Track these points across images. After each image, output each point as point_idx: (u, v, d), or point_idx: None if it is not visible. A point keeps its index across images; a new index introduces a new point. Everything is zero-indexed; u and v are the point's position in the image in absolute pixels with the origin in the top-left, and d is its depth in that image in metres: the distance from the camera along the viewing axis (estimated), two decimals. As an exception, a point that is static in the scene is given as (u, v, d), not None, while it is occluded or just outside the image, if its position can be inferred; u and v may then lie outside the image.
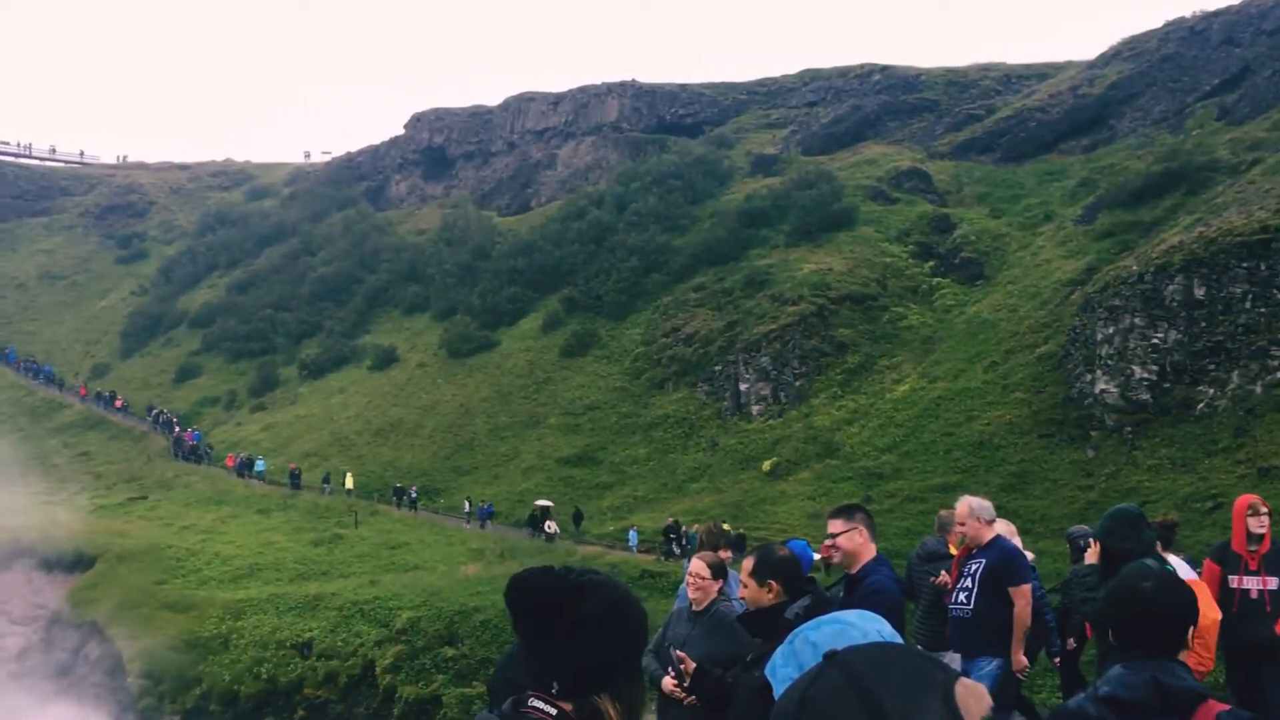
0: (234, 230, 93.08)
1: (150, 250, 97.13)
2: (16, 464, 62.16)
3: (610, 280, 60.99)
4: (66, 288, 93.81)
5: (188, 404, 69.23)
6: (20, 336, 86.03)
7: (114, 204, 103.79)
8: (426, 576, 37.37)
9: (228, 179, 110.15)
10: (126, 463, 61.36)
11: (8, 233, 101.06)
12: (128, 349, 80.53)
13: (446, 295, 68.25)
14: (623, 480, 47.12)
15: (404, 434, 56.11)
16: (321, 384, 66.17)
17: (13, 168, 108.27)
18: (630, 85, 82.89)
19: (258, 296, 78.51)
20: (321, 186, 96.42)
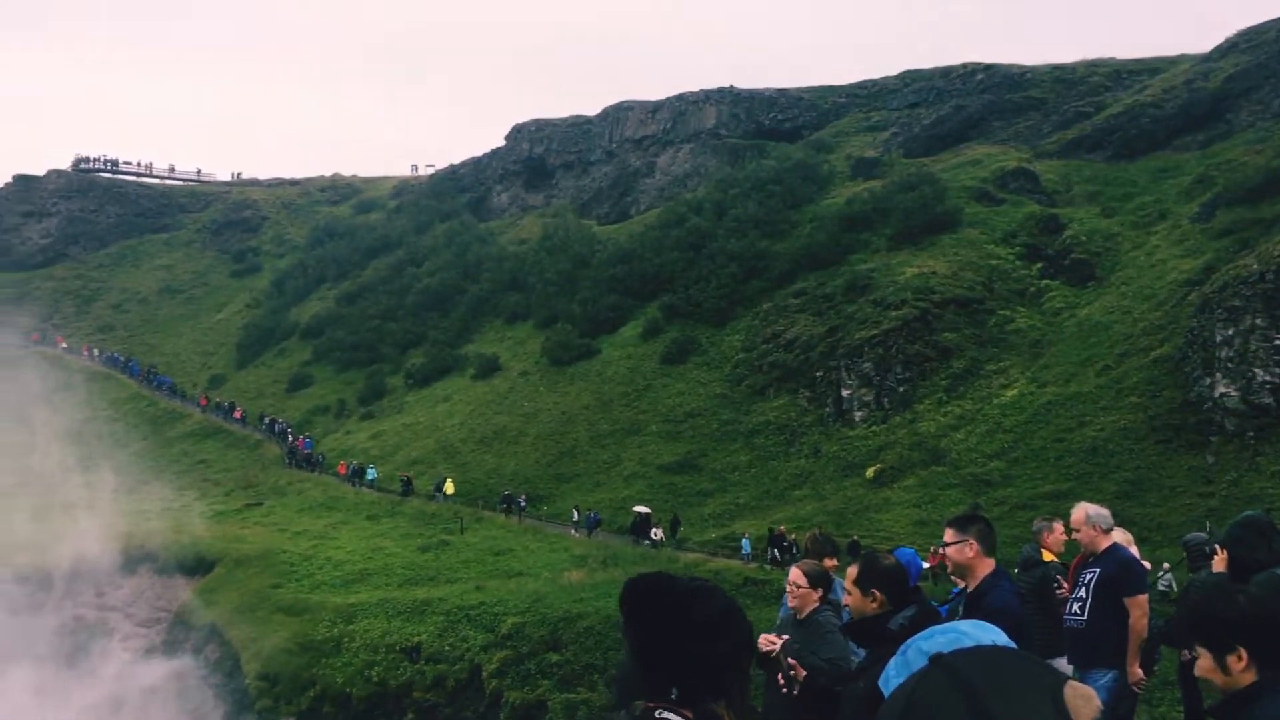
0: (342, 243, 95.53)
1: (263, 264, 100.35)
2: (141, 471, 64.85)
3: (710, 287, 60.96)
4: (185, 301, 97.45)
5: (300, 413, 71.21)
6: (143, 349, 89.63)
7: (229, 220, 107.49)
8: (531, 583, 37.81)
9: (336, 193, 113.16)
10: (242, 470, 63.38)
11: (130, 249, 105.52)
12: (242, 360, 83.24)
13: (547, 304, 68.94)
14: (724, 487, 47.02)
15: (507, 442, 56.83)
16: (427, 393, 67.42)
17: (135, 187, 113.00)
18: (728, 91, 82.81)
19: (365, 307, 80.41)
20: (425, 199, 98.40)
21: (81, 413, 77.21)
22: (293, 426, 67.30)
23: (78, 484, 63.13)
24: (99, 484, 65.64)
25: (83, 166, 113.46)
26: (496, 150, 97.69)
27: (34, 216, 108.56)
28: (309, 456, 60.75)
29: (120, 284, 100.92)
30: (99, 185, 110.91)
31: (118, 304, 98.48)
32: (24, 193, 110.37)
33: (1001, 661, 1.64)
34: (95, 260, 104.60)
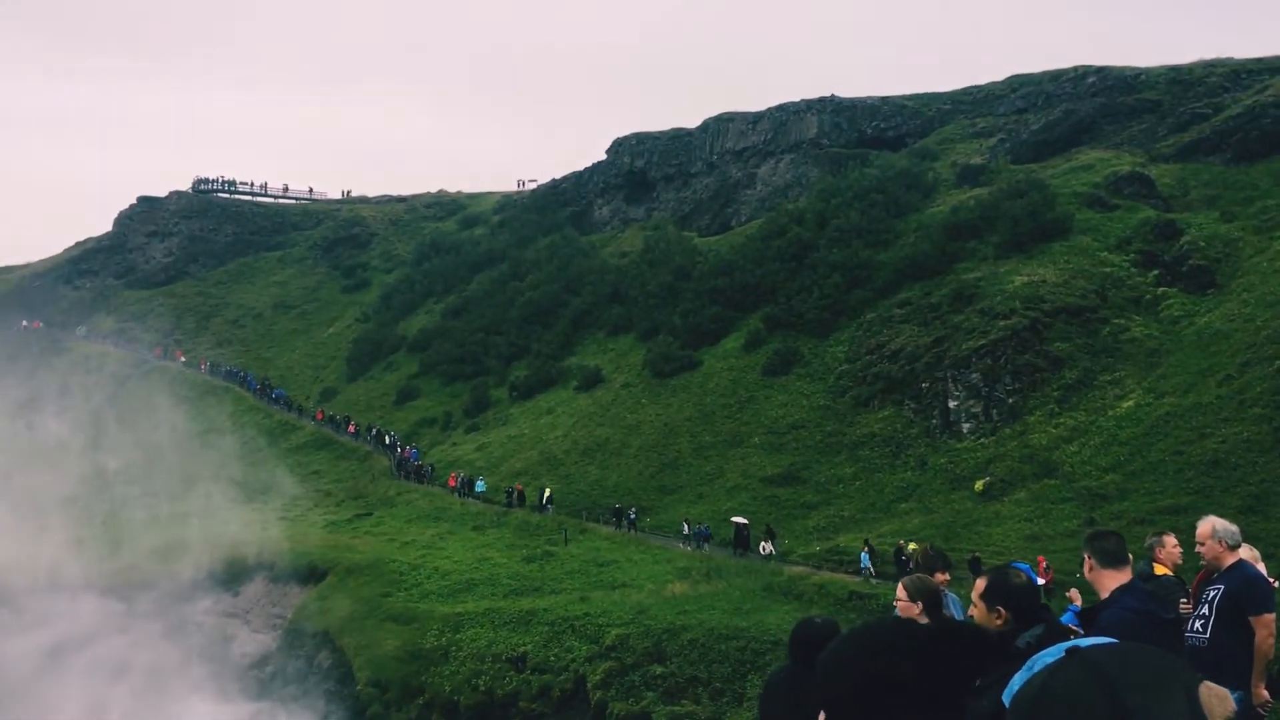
0: (448, 258, 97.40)
1: (372, 279, 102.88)
2: (257, 482, 66.97)
3: (812, 297, 60.54)
4: (297, 316, 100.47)
5: (407, 425, 72.70)
6: (258, 363, 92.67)
7: (339, 237, 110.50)
8: (634, 594, 37.95)
9: (441, 209, 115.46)
10: (353, 481, 64.95)
11: (246, 266, 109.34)
12: (352, 373, 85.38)
13: (649, 316, 69.22)
14: (828, 500, 46.58)
15: (610, 453, 57.17)
16: (531, 405, 68.22)
17: (250, 206, 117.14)
18: (829, 101, 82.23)
19: (470, 321, 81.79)
20: (528, 213, 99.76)
21: (201, 424, 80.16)
22: (400, 438, 68.75)
23: (199, 493, 65.43)
24: (218, 493, 68.02)
25: (201, 187, 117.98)
26: (598, 164, 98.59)
27: (157, 236, 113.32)
28: (418, 468, 61.91)
29: (237, 300, 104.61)
30: (217, 205, 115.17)
31: (234, 319, 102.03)
32: (148, 213, 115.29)
33: (1138, 655, 1.65)
34: (213, 278, 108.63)
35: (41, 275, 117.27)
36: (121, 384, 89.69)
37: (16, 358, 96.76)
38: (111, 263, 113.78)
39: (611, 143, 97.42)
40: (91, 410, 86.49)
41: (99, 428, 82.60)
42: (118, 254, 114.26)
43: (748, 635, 31.42)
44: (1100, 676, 1.58)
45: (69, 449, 79.24)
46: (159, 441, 77.00)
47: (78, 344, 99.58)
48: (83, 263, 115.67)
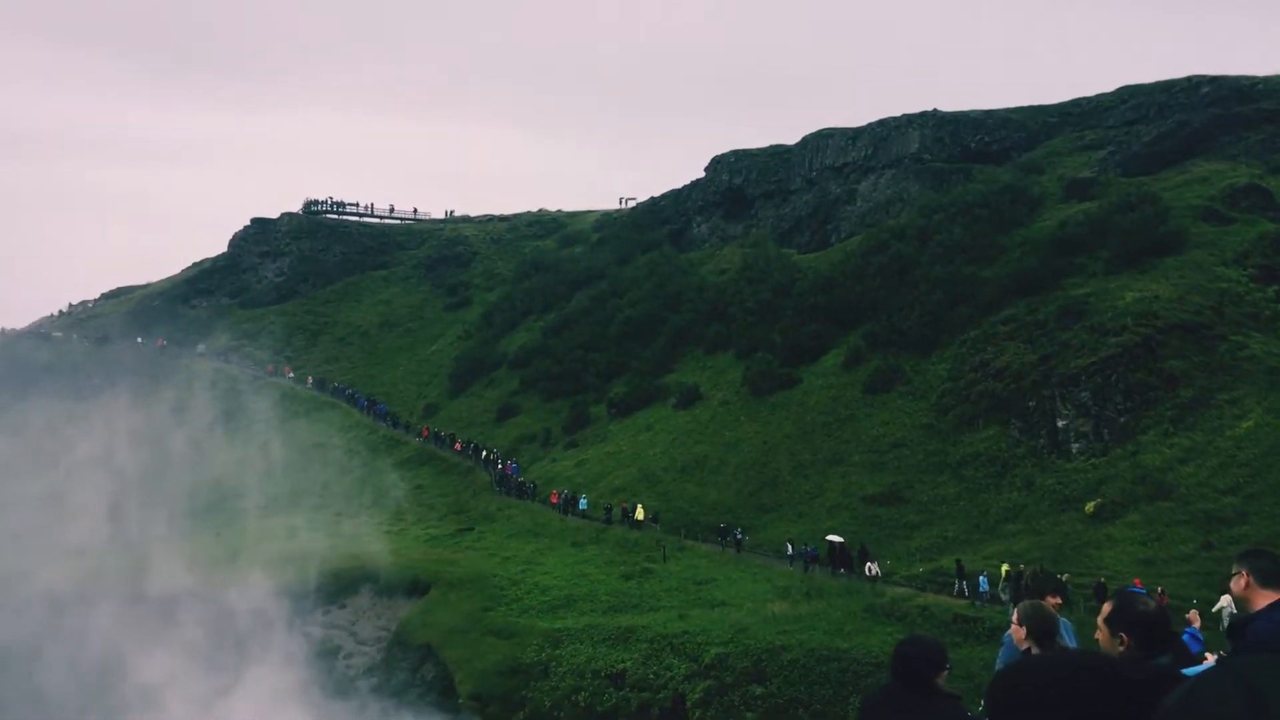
0: (548, 276, 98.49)
1: (474, 297, 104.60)
2: (363, 496, 68.43)
3: (914, 314, 59.61)
4: (402, 334, 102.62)
5: (508, 441, 73.52)
6: (364, 379, 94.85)
7: (442, 255, 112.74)
8: (734, 613, 37.72)
9: (541, 228, 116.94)
10: (455, 496, 65.89)
11: (353, 285, 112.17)
12: (455, 389, 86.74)
13: (748, 333, 68.95)
14: (931, 520, 45.70)
15: (708, 471, 56.98)
16: (629, 422, 68.40)
17: (357, 227, 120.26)
18: (931, 115, 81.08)
19: (570, 338, 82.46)
20: (627, 231, 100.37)
21: (310, 439, 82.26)
22: (501, 454, 69.53)
23: (307, 506, 67.11)
24: (326, 506, 69.66)
25: (312, 209, 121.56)
26: (696, 182, 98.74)
27: (269, 256, 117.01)
28: (520, 485, 62.46)
29: (344, 318, 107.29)
30: (326, 226, 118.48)
31: (342, 337, 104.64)
32: (260, 234, 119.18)
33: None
34: (322, 296, 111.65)
35: (161, 295, 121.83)
36: (235, 399, 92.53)
37: (139, 372, 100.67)
38: (226, 282, 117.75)
39: (710, 160, 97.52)
40: (206, 424, 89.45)
41: (213, 442, 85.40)
42: (232, 274, 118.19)
43: (849, 657, 30.96)
44: (1247, 686, 1.52)
45: (185, 463, 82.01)
46: (270, 456, 79.25)
47: (194, 360, 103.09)
48: (199, 282, 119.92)
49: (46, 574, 55.28)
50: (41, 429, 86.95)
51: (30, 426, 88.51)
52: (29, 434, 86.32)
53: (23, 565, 55.27)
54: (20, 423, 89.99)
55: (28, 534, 61.80)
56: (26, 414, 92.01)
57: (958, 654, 29.35)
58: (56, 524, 64.46)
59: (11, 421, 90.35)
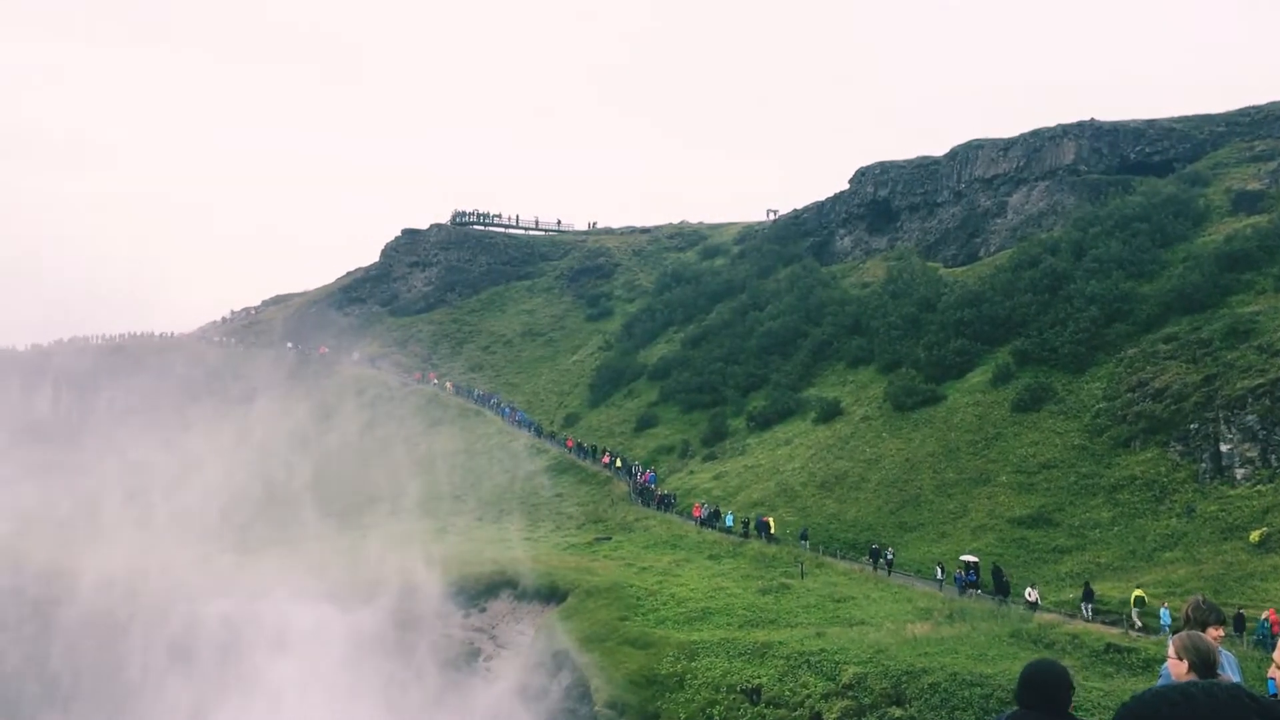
0: (688, 288, 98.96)
1: (615, 308, 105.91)
2: (504, 503, 69.90)
3: (1066, 331, 57.67)
4: (544, 344, 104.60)
5: (646, 452, 74.02)
6: (507, 388, 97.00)
7: (584, 267, 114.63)
8: (872, 633, 37.10)
9: (683, 240, 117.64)
10: (593, 505, 66.66)
11: (498, 295, 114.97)
12: (595, 400, 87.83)
13: (891, 348, 67.88)
14: (1082, 545, 44.06)
15: (848, 487, 56.27)
16: (768, 435, 68.08)
17: (503, 238, 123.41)
18: (1088, 125, 78.38)
19: (709, 350, 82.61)
20: (768, 243, 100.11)
21: (454, 445, 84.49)
22: (639, 464, 70.00)
23: (449, 510, 68.91)
24: (468, 511, 71.43)
25: (459, 220, 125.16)
26: (840, 194, 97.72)
27: (418, 266, 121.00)
28: (662, 497, 62.65)
29: (488, 328, 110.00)
30: (473, 237, 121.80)
31: (486, 346, 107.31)
32: (410, 245, 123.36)
33: None
34: (468, 306, 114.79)
35: (317, 302, 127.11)
36: (383, 405, 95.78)
37: (296, 376, 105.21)
38: (378, 291, 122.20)
39: (854, 172, 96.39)
40: (357, 429, 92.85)
41: (363, 446, 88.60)
42: (383, 283, 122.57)
43: (993, 683, 30.08)
44: None
45: (335, 465, 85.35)
46: (414, 460, 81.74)
47: (345, 367, 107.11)
48: (353, 290, 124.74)
49: (205, 575, 58.20)
50: (202, 430, 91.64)
51: (192, 427, 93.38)
52: (189, 436, 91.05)
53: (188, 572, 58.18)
54: (182, 424, 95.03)
55: (188, 531, 64.99)
56: (188, 416, 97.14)
57: (1109, 685, 28.22)
58: (213, 523, 67.81)
59: (173, 423, 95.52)
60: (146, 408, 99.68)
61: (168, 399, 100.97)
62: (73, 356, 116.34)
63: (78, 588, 58.29)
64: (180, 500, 71.75)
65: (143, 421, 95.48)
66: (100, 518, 68.41)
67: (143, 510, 69.58)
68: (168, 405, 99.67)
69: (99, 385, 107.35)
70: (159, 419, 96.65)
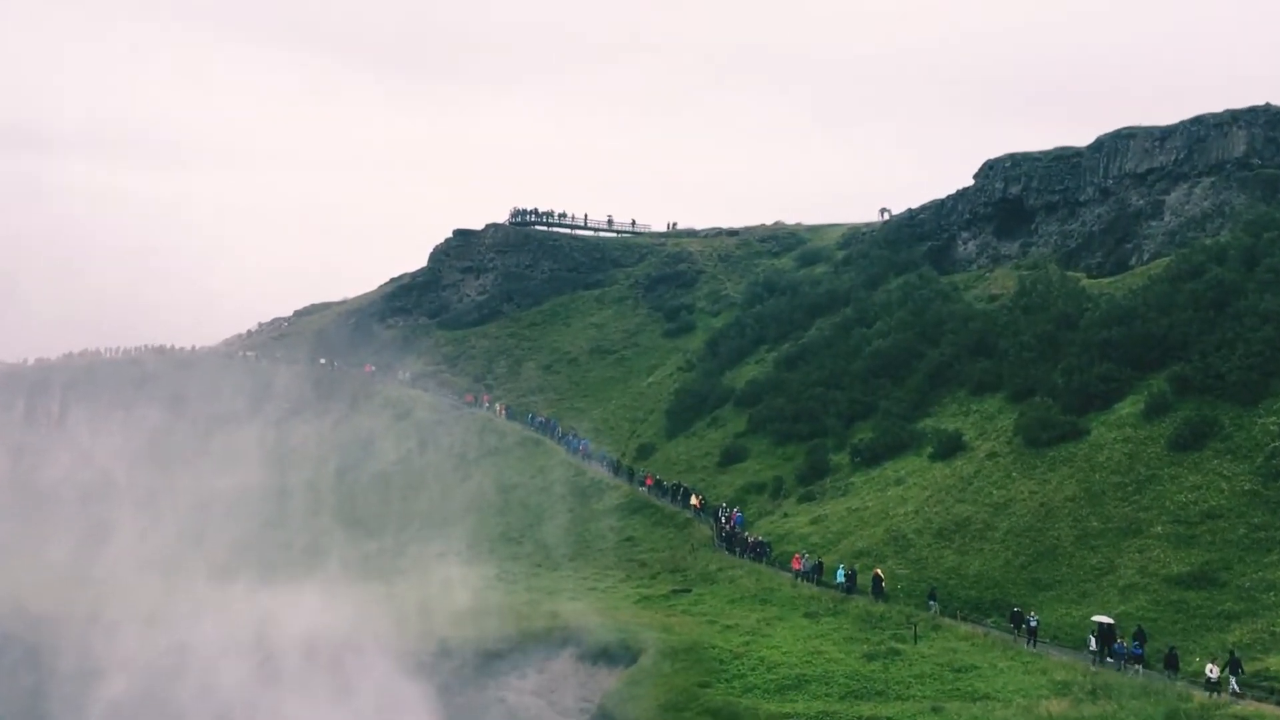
0: (783, 299, 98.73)
1: (697, 322, 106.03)
2: (566, 547, 70.14)
3: (1236, 354, 56.38)
4: (615, 363, 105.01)
5: (732, 490, 73.78)
6: (571, 413, 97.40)
7: (662, 274, 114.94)
8: (999, 709, 36.57)
9: (777, 244, 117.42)
10: (670, 551, 66.57)
11: (562, 306, 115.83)
12: (673, 428, 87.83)
13: (1023, 372, 66.99)
14: (1255, 610, 42.88)
15: (970, 536, 55.52)
16: (876, 473, 67.51)
17: (569, 240, 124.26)
18: (1263, 111, 76.75)
19: (807, 373, 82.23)
20: (877, 249, 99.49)
21: (509, 479, 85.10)
22: (726, 505, 69.74)
23: (503, 555, 69.31)
24: (524, 556, 71.79)
25: (519, 220, 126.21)
26: (963, 191, 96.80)
27: (471, 272, 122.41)
28: (754, 546, 62.13)
29: (551, 343, 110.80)
30: (534, 239, 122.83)
31: (548, 364, 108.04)
32: (463, 248, 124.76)
33: None
34: (528, 318, 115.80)
35: (356, 312, 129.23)
36: (429, 432, 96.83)
37: (332, 397, 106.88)
38: (425, 300, 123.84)
39: (981, 166, 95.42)
40: (398, 459, 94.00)
41: (405, 478, 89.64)
42: (431, 291, 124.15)
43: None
44: None
45: (373, 500, 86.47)
46: (464, 495, 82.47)
47: (387, 387, 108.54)
48: (397, 299, 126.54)
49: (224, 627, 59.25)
50: (222, 457, 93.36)
51: (210, 454, 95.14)
52: (206, 464, 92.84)
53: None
54: (200, 450, 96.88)
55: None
56: (208, 440, 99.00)
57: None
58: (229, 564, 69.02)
59: (189, 448, 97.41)
60: (161, 431, 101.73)
61: (186, 421, 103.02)
62: (80, 372, 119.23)
63: (67, 633, 59.96)
64: (192, 538, 73.09)
65: (154, 448, 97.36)
66: (90, 558, 70.01)
67: (146, 548, 70.97)
68: (185, 428, 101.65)
69: (107, 405, 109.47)
70: (173, 444, 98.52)
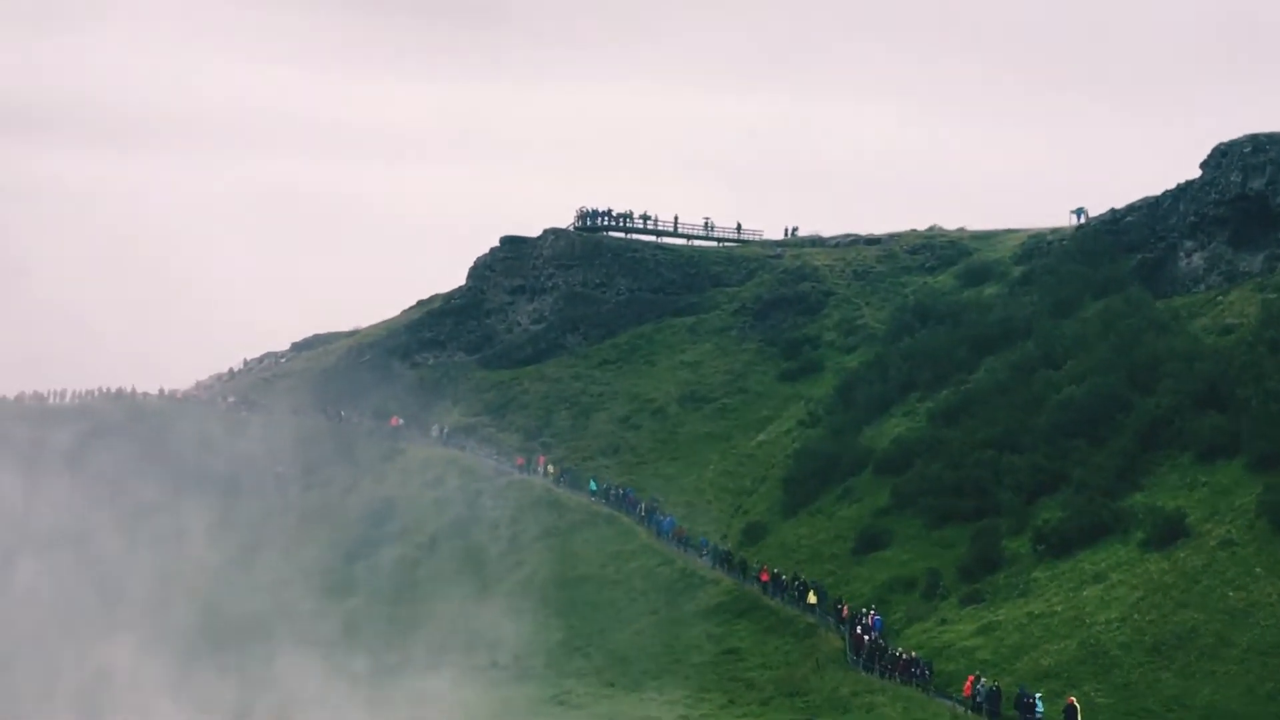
0: (940, 331, 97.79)
1: (824, 360, 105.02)
2: (648, 660, 69.83)
3: None
4: (713, 415, 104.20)
5: (870, 586, 73.06)
6: (656, 480, 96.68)
7: (777, 296, 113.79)
8: None
9: (932, 256, 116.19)
10: (787, 668, 66.05)
11: (644, 339, 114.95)
12: (791, 503, 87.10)
13: (1270, 432, 66.01)
14: None
15: (1198, 653, 54.82)
16: (1066, 566, 66.57)
17: (652, 250, 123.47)
18: None
19: (972, 430, 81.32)
20: (1068, 263, 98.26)
21: (570, 570, 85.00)
22: (862, 606, 69.03)
23: (568, 669, 69.25)
24: (593, 672, 71.71)
25: (587, 223, 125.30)
26: (1185, 186, 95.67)
27: (524, 293, 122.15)
28: (906, 663, 61.24)
29: (629, 388, 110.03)
30: (607, 249, 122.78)
31: (624, 416, 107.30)
32: (513, 261, 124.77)
33: None
34: (598, 354, 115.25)
35: (371, 346, 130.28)
36: (468, 504, 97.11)
37: (338, 461, 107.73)
38: (463, 330, 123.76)
39: (1210, 151, 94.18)
40: (426, 541, 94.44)
41: (433, 568, 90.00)
42: (471, 318, 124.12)
43: None
44: None
45: (388, 595, 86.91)
46: (514, 592, 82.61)
47: (412, 445, 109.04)
48: (426, 328, 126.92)
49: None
50: (189, 537, 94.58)
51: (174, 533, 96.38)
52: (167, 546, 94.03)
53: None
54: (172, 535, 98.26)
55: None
56: (179, 524, 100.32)
57: None
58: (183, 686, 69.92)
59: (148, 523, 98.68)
60: (112, 497, 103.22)
61: (144, 487, 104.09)
62: (17, 419, 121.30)
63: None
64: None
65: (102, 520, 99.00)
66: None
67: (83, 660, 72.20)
68: (142, 496, 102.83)
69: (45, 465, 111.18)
70: (128, 516, 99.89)
